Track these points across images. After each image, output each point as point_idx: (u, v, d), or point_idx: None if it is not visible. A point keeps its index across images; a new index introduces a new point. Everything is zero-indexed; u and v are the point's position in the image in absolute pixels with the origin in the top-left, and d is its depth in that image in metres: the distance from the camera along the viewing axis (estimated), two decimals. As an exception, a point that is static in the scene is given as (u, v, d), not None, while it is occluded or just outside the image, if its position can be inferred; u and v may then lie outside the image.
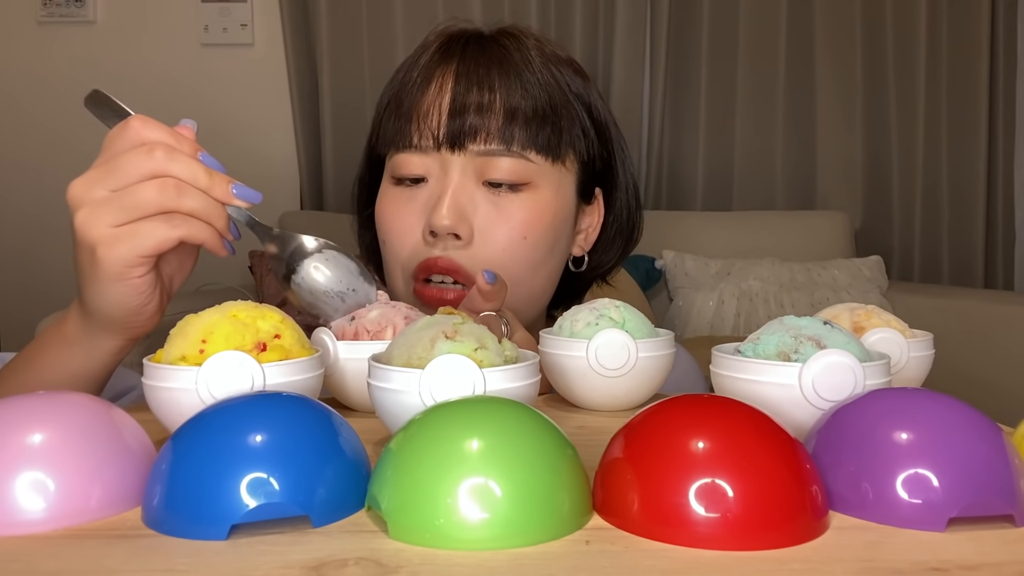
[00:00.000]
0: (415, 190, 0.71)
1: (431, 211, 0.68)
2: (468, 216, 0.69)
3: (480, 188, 0.69)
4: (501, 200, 0.69)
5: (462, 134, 0.68)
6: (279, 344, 0.44)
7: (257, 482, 0.32)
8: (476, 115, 0.68)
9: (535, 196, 0.70)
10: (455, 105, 0.69)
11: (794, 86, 2.30)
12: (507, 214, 0.69)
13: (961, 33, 2.28)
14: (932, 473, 0.33)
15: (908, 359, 0.52)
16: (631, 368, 0.54)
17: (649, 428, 0.35)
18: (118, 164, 0.52)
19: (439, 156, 0.69)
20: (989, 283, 2.36)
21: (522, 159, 0.69)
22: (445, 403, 0.37)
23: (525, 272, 0.71)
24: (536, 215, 0.70)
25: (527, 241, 0.70)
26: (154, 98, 2.30)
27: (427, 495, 0.32)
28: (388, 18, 2.24)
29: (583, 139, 0.73)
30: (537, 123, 0.69)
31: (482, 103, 0.68)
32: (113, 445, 0.36)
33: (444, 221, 0.67)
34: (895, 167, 2.31)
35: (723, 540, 0.31)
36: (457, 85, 0.69)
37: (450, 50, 0.72)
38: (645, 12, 2.27)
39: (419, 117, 0.70)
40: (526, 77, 0.70)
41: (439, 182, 0.70)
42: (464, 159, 0.69)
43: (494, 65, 0.70)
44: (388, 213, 0.72)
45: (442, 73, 0.71)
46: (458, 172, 0.69)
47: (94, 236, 0.53)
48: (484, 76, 0.69)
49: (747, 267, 2.03)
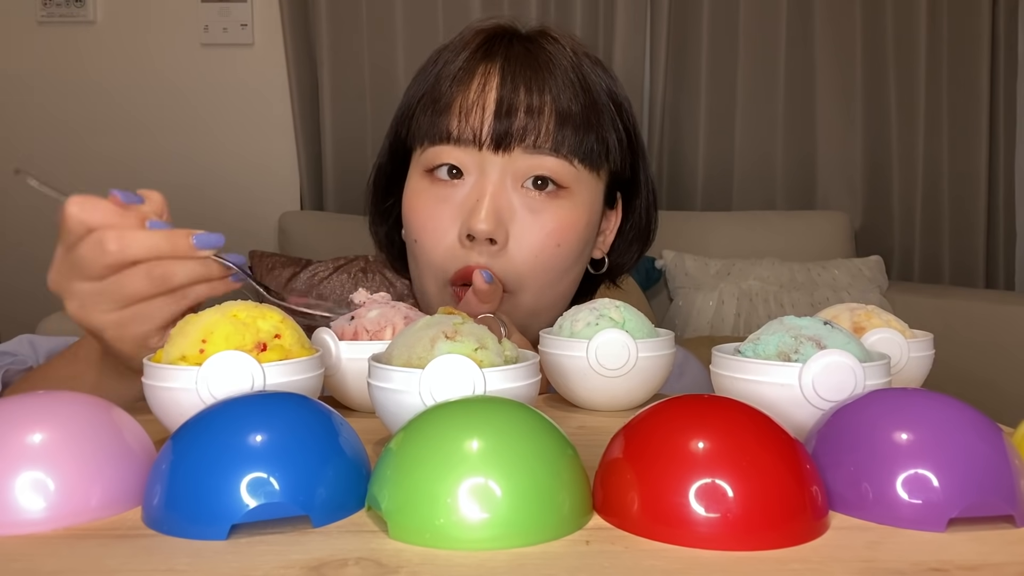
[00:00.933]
0: (449, 188, 0.69)
1: (468, 214, 0.67)
2: (505, 222, 0.68)
3: (518, 192, 0.69)
4: (538, 206, 0.69)
5: (509, 135, 0.68)
6: (279, 344, 0.44)
7: (257, 482, 0.32)
8: (526, 116, 0.68)
9: (571, 203, 0.70)
10: (503, 105, 0.68)
11: (794, 86, 2.30)
12: (543, 220, 0.69)
13: (961, 33, 2.28)
14: (932, 473, 0.33)
15: (908, 359, 0.52)
16: (631, 368, 0.54)
17: (649, 428, 0.35)
18: (80, 259, 0.52)
19: (479, 155, 0.68)
20: (990, 283, 2.36)
21: (565, 161, 0.69)
22: (445, 403, 0.37)
23: (554, 278, 0.71)
24: (570, 223, 0.70)
25: (560, 249, 0.70)
26: (154, 98, 2.30)
27: (427, 495, 0.32)
28: (388, 18, 2.24)
29: (618, 147, 0.73)
30: (585, 129, 0.69)
31: (532, 105, 0.68)
32: (113, 445, 0.36)
33: (483, 226, 0.66)
34: (895, 167, 2.31)
35: (723, 540, 0.31)
36: (504, 85, 0.68)
37: (492, 48, 0.71)
38: (645, 12, 2.27)
39: (461, 111, 0.69)
40: (572, 81, 0.70)
41: (477, 183, 0.69)
42: (505, 160, 0.68)
43: (541, 67, 0.70)
44: (421, 211, 0.71)
45: (485, 70, 0.70)
46: (497, 173, 0.68)
47: (98, 323, 0.53)
48: (532, 78, 0.69)
49: (747, 267, 2.03)
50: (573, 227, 0.70)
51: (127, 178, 2.32)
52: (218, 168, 2.31)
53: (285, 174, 2.32)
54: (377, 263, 1.92)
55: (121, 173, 2.32)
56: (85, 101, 2.30)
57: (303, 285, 1.88)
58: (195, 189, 2.32)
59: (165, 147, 2.31)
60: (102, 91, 2.30)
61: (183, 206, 2.52)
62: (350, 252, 1.98)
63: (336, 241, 2.03)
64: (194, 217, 2.52)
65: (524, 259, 0.69)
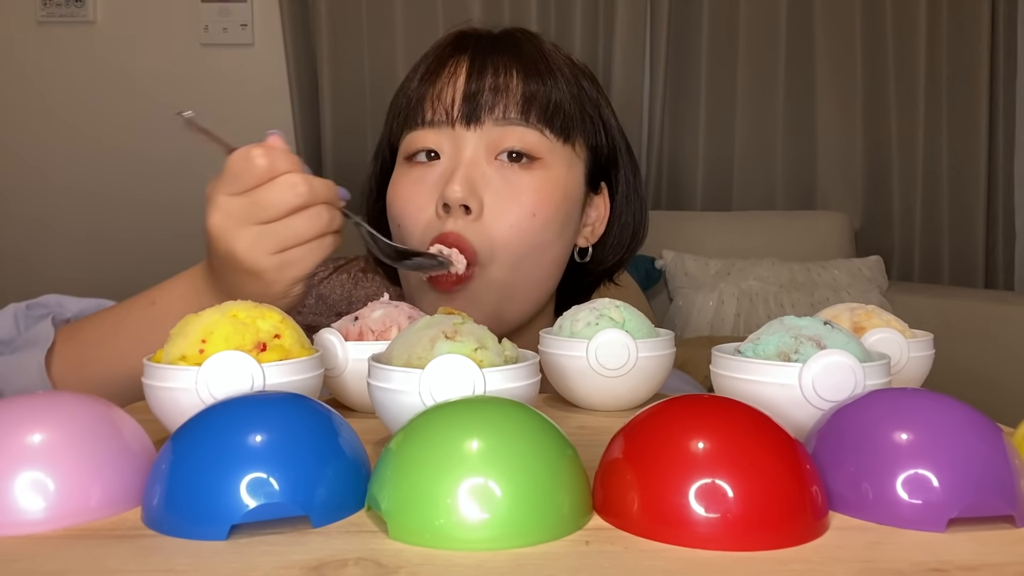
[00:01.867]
0: (428, 169, 0.71)
1: (444, 186, 0.69)
2: (479, 190, 0.69)
3: (492, 163, 0.70)
4: (512, 176, 0.70)
5: (479, 108, 0.69)
6: (279, 344, 0.44)
7: (257, 482, 0.32)
8: (494, 91, 0.70)
9: (546, 174, 0.71)
10: (471, 85, 0.70)
11: (794, 86, 2.30)
12: (518, 190, 0.70)
13: (961, 33, 2.28)
14: (932, 473, 0.33)
15: (908, 359, 0.52)
16: (631, 368, 0.54)
17: (649, 428, 0.35)
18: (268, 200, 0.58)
19: (452, 133, 0.70)
20: (989, 283, 2.36)
21: (537, 132, 0.70)
22: (445, 403, 0.37)
23: (532, 251, 0.71)
24: (546, 193, 0.70)
25: (536, 219, 0.70)
26: (154, 98, 2.30)
27: (427, 495, 0.32)
28: (388, 18, 2.24)
29: (592, 127, 0.75)
30: (553, 107, 0.71)
31: (498, 84, 0.70)
32: (113, 445, 0.36)
33: (456, 193, 0.67)
34: (895, 167, 2.31)
35: (723, 540, 0.31)
36: (472, 68, 0.71)
37: (462, 43, 0.74)
38: (645, 12, 2.27)
39: (432, 96, 0.71)
40: (540, 65, 0.72)
41: (452, 158, 0.70)
42: (478, 134, 0.70)
43: (509, 52, 0.72)
44: (401, 192, 0.72)
45: (455, 61, 0.72)
46: (471, 148, 0.70)
47: (262, 266, 0.58)
48: (499, 61, 0.71)
49: (747, 267, 2.03)
50: (549, 197, 0.71)
51: (127, 178, 2.32)
52: (218, 168, 2.31)
53: (285, 174, 2.32)
54: (377, 263, 1.92)
55: (121, 172, 2.32)
56: (85, 101, 2.30)
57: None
58: (195, 189, 2.31)
59: (165, 147, 2.31)
60: (102, 91, 2.30)
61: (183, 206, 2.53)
62: (350, 252, 1.97)
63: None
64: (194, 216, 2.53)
65: (499, 228, 0.69)
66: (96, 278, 2.32)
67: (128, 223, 2.33)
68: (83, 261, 2.33)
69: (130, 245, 2.33)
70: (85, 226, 2.33)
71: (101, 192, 2.32)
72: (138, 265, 2.33)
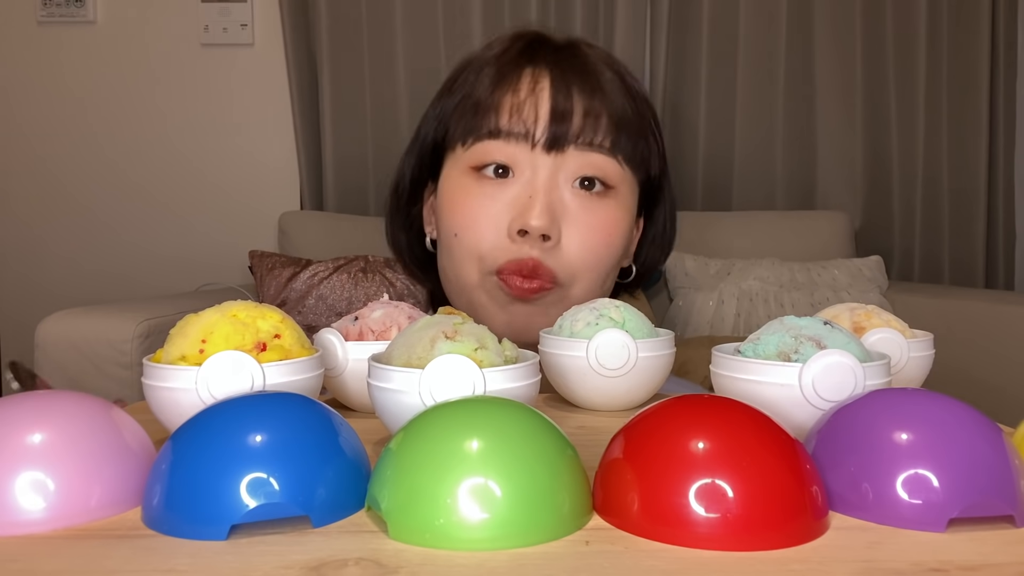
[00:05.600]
0: (497, 187, 0.70)
1: (522, 209, 0.68)
2: (559, 218, 0.69)
3: (569, 189, 0.70)
4: (589, 204, 0.70)
5: (565, 137, 0.68)
6: (279, 344, 0.44)
7: (257, 482, 0.32)
8: (583, 119, 0.69)
9: (619, 203, 0.71)
10: (559, 107, 0.69)
11: (794, 86, 2.30)
12: (594, 218, 0.70)
13: (961, 33, 2.28)
14: (932, 473, 0.33)
15: (908, 359, 0.52)
16: (631, 368, 0.54)
17: (649, 428, 0.35)
18: None
19: (530, 153, 0.69)
20: (989, 283, 2.36)
21: (616, 161, 0.70)
22: (445, 403, 0.37)
23: (603, 275, 0.72)
24: (617, 221, 0.71)
25: (610, 247, 0.71)
26: (154, 98, 2.30)
27: (427, 495, 0.32)
28: (388, 18, 2.24)
29: (657, 153, 0.75)
30: (637, 133, 0.71)
31: (588, 108, 0.69)
32: (113, 445, 0.36)
33: (538, 222, 0.67)
34: (895, 167, 2.31)
35: (723, 540, 0.31)
36: (557, 87, 0.69)
37: (534, 52, 0.72)
38: (645, 12, 2.27)
39: (512, 108, 0.69)
40: (620, 87, 0.71)
41: (529, 181, 0.69)
42: (557, 160, 0.69)
43: (590, 73, 0.71)
44: (467, 206, 0.70)
45: (533, 72, 0.70)
46: (548, 172, 0.69)
47: None
48: (585, 82, 0.70)
49: (747, 267, 2.03)
50: (619, 225, 0.72)
51: (127, 177, 2.32)
52: (218, 168, 2.31)
53: (285, 174, 2.32)
54: (377, 263, 1.92)
55: (121, 173, 2.32)
56: (85, 101, 2.30)
57: (303, 285, 1.88)
58: (195, 189, 2.32)
59: (165, 147, 2.31)
60: (102, 91, 2.30)
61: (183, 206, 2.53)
62: (350, 252, 1.98)
63: (336, 241, 2.03)
64: (194, 216, 2.53)
65: (577, 255, 0.70)
66: (95, 277, 2.33)
67: (128, 222, 2.33)
68: (82, 260, 2.33)
69: (130, 244, 2.33)
70: (85, 225, 2.33)
71: (101, 192, 2.32)
72: (138, 264, 2.33)
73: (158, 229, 2.33)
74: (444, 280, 0.76)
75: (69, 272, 2.33)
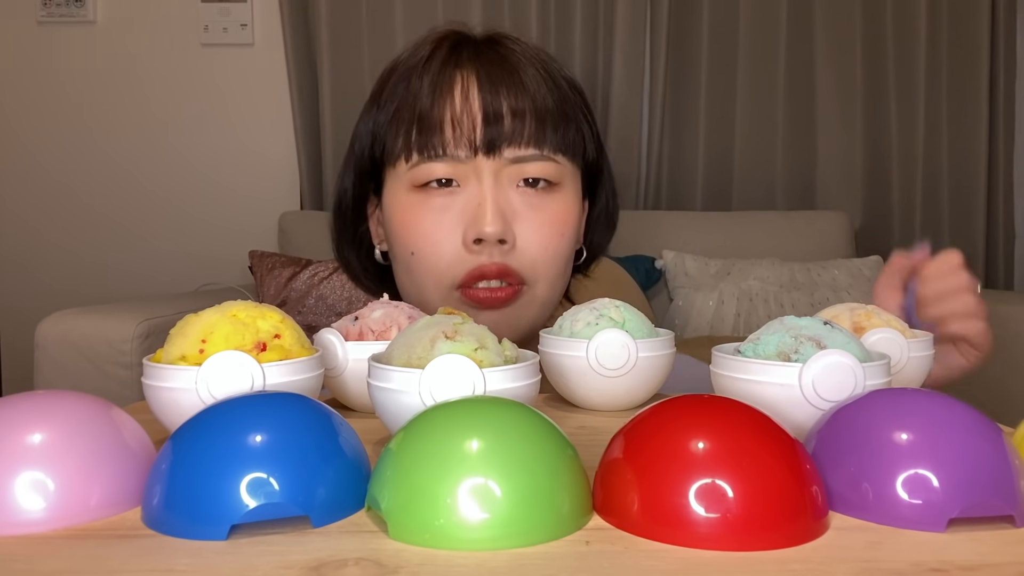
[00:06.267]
0: (445, 197, 0.70)
1: (472, 219, 0.68)
2: (510, 221, 0.69)
3: (515, 191, 0.70)
4: (537, 201, 0.71)
5: (499, 140, 0.69)
6: (279, 344, 0.44)
7: (257, 482, 0.32)
8: (511, 119, 0.69)
9: (564, 195, 0.72)
10: (488, 111, 0.69)
11: (794, 86, 2.30)
12: (544, 215, 0.71)
13: (961, 33, 2.28)
14: (932, 473, 0.33)
15: (908, 359, 0.52)
16: (631, 368, 0.54)
17: (649, 428, 0.35)
18: None
19: (472, 160, 0.69)
20: (989, 283, 2.36)
21: (552, 162, 0.71)
22: (445, 403, 0.37)
23: (562, 269, 0.73)
24: (566, 213, 0.72)
25: (564, 239, 0.72)
26: (154, 98, 2.30)
27: (427, 495, 0.32)
28: (388, 18, 2.24)
29: (590, 136, 0.75)
30: (564, 125, 0.71)
31: (515, 107, 0.69)
32: (113, 445, 0.36)
33: (492, 228, 0.67)
34: (895, 167, 2.31)
35: (723, 540, 0.31)
36: (483, 90, 0.69)
37: (459, 55, 0.72)
38: (645, 12, 2.27)
39: (452, 125, 0.69)
40: (543, 78, 0.71)
41: (475, 189, 0.69)
42: (497, 163, 0.69)
43: (513, 67, 0.71)
44: (419, 224, 0.70)
45: (462, 78, 0.70)
46: (491, 177, 0.69)
47: None
48: (508, 79, 0.70)
49: (747, 267, 2.03)
50: (569, 216, 0.73)
51: (127, 178, 2.32)
52: (218, 168, 2.31)
53: (285, 174, 2.32)
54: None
55: (121, 173, 2.32)
56: (85, 101, 2.30)
57: (303, 285, 1.88)
58: (195, 189, 2.32)
59: (165, 147, 2.31)
60: (102, 91, 2.30)
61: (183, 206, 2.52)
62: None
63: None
64: (194, 216, 2.53)
65: (535, 253, 0.70)
66: (95, 277, 2.32)
67: (128, 222, 2.33)
68: (82, 260, 2.33)
69: (130, 244, 2.33)
70: (84, 225, 2.33)
71: (101, 192, 2.32)
72: (138, 264, 2.33)
73: (158, 229, 2.33)
74: (404, 296, 0.76)
75: (69, 272, 2.33)
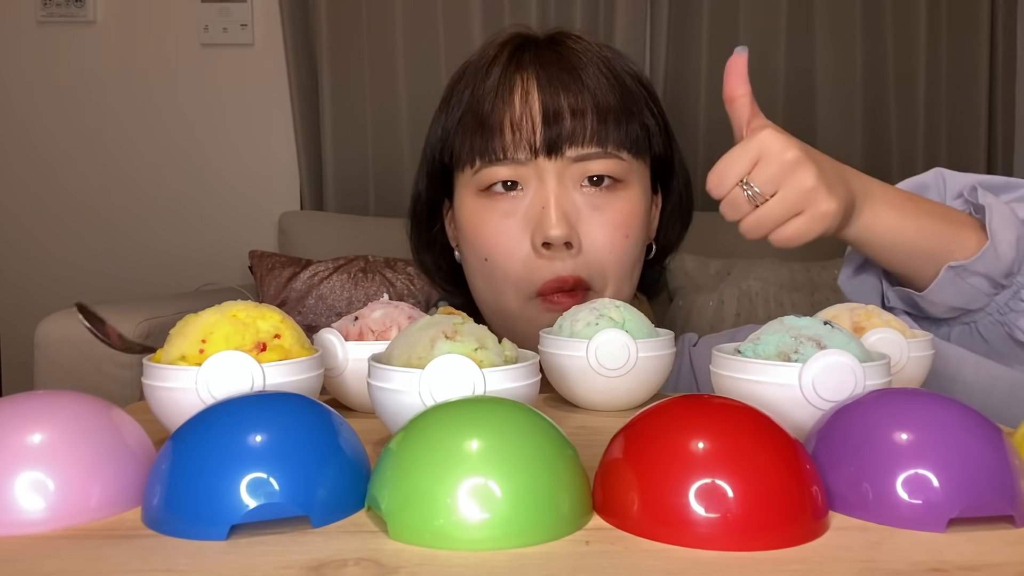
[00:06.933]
0: (510, 201, 0.70)
1: (537, 223, 0.69)
2: (575, 224, 0.69)
3: (578, 192, 0.70)
4: (599, 202, 0.71)
5: (560, 140, 0.69)
6: (279, 344, 0.44)
7: (257, 482, 0.32)
8: (571, 119, 0.69)
9: (629, 194, 0.72)
10: (548, 112, 0.69)
11: (794, 85, 2.30)
12: (608, 215, 0.71)
13: (961, 33, 2.28)
14: (932, 474, 0.33)
15: (908, 359, 0.52)
16: (631, 368, 0.54)
17: (649, 428, 0.35)
18: None
19: (534, 163, 0.70)
20: (989, 283, 2.36)
21: (616, 159, 0.71)
22: (445, 403, 0.37)
23: (629, 268, 0.73)
24: (632, 212, 0.72)
25: (629, 239, 0.72)
26: (154, 98, 2.30)
27: (427, 495, 0.32)
28: (388, 18, 2.24)
29: (657, 131, 0.75)
30: (627, 120, 0.71)
31: (575, 106, 0.69)
32: (113, 445, 0.36)
33: (557, 232, 0.68)
34: (895, 167, 2.31)
35: (723, 540, 0.31)
36: (543, 91, 0.70)
37: (521, 57, 0.72)
38: (645, 11, 2.27)
39: (511, 127, 0.69)
40: (605, 74, 0.71)
41: (538, 191, 0.70)
42: (559, 164, 0.69)
43: (573, 67, 0.71)
44: (487, 230, 0.71)
45: (524, 80, 0.71)
46: (555, 178, 0.69)
47: None
48: (568, 79, 0.70)
49: (747, 267, 2.03)
50: (635, 216, 0.72)
51: (127, 178, 2.32)
52: (218, 168, 2.31)
53: (285, 174, 2.32)
54: (377, 263, 1.92)
55: (121, 173, 2.32)
56: (85, 101, 2.30)
57: (303, 285, 1.88)
58: (195, 189, 2.32)
59: (165, 147, 2.31)
60: (102, 91, 2.30)
61: (183, 206, 2.52)
62: (350, 252, 1.97)
63: (336, 241, 2.03)
64: (194, 217, 2.52)
65: (601, 256, 0.70)
66: (95, 277, 2.32)
67: (128, 222, 2.33)
68: (82, 260, 2.33)
69: (130, 244, 2.33)
70: (85, 225, 2.33)
71: (101, 192, 2.32)
72: (137, 264, 2.33)
73: (158, 229, 2.33)
74: (479, 300, 0.77)
75: (69, 272, 2.33)
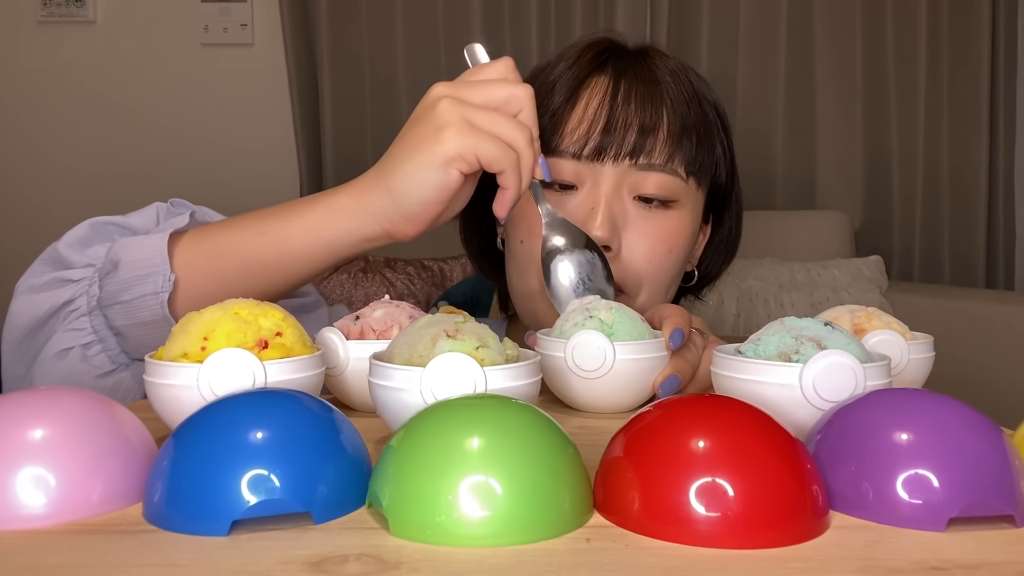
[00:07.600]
0: (562, 197, 0.71)
1: (582, 221, 0.69)
2: (619, 229, 0.70)
3: (631, 201, 0.71)
4: (650, 216, 0.71)
5: (623, 149, 0.69)
6: (280, 342, 0.44)
7: (258, 479, 0.33)
8: (639, 128, 0.69)
9: (680, 214, 0.72)
10: (617, 118, 0.69)
11: (794, 86, 2.30)
12: (655, 228, 0.71)
13: (961, 33, 2.28)
14: (932, 473, 0.33)
15: (908, 361, 0.52)
16: (608, 370, 0.53)
17: (650, 427, 0.35)
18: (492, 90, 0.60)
19: (592, 165, 0.70)
20: (990, 283, 2.36)
21: (676, 177, 0.71)
22: (446, 401, 0.37)
23: (665, 283, 0.73)
24: (678, 231, 0.72)
25: (671, 255, 0.72)
26: (154, 98, 2.30)
27: (428, 492, 0.32)
28: (388, 18, 2.24)
29: (723, 160, 0.75)
30: (697, 143, 0.71)
31: (646, 116, 0.69)
32: (114, 441, 0.37)
33: (600, 232, 0.68)
34: (895, 167, 2.31)
35: (723, 539, 0.31)
36: (616, 98, 0.70)
37: (602, 61, 0.73)
38: (645, 11, 2.27)
39: (575, 124, 0.70)
40: (685, 95, 0.71)
41: (591, 192, 0.70)
42: (618, 171, 0.70)
43: (655, 79, 0.71)
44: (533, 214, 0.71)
45: (596, 83, 0.71)
46: (610, 184, 0.70)
47: (449, 119, 0.59)
48: (645, 90, 0.70)
49: (747, 267, 2.03)
50: (681, 234, 0.72)
51: (127, 178, 2.32)
52: (218, 168, 2.31)
53: (285, 173, 2.32)
54: (377, 263, 1.92)
55: (121, 173, 2.32)
56: (85, 101, 2.30)
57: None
58: (195, 189, 2.32)
59: (165, 147, 2.31)
60: (102, 91, 2.30)
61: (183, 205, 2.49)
62: (350, 252, 1.97)
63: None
64: (194, 216, 2.49)
65: (639, 264, 0.71)
66: (96, 277, 2.32)
67: (128, 222, 2.33)
68: (83, 260, 2.33)
69: (130, 244, 2.33)
70: (85, 225, 2.33)
71: (101, 191, 2.32)
72: (138, 264, 2.33)
73: (158, 228, 2.33)
74: (509, 286, 0.78)
75: (69, 271, 2.33)
